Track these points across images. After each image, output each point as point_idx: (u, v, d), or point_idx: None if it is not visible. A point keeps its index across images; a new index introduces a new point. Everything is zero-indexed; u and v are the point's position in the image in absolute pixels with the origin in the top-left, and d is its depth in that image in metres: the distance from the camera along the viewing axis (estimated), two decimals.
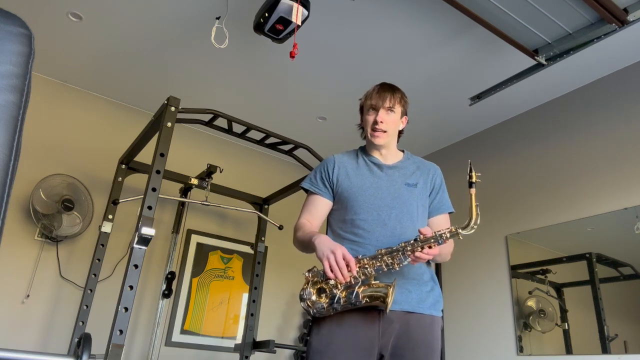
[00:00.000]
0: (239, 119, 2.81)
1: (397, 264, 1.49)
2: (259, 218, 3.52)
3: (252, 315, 3.19)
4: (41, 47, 3.18)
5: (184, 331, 3.58)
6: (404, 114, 1.81)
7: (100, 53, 3.26)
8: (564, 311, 2.93)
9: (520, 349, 3.08)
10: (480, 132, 3.90)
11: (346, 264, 1.46)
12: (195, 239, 3.84)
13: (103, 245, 2.90)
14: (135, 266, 1.98)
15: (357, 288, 1.48)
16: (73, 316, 3.02)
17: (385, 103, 1.73)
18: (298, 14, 2.32)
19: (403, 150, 1.85)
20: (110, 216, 2.96)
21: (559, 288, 3.01)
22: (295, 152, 3.11)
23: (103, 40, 3.13)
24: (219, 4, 2.72)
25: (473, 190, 1.45)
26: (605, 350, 2.64)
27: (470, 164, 1.48)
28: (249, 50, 3.13)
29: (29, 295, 3.08)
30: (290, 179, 3.48)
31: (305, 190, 1.82)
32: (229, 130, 2.94)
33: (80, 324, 2.73)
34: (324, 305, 1.53)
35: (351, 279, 1.50)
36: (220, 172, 3.20)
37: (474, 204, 1.43)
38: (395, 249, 1.50)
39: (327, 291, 1.54)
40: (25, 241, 3.15)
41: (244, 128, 2.86)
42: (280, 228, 3.45)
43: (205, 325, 3.67)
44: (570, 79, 3.18)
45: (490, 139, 3.81)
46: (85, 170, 3.47)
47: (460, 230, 1.45)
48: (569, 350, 2.83)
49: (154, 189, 2.15)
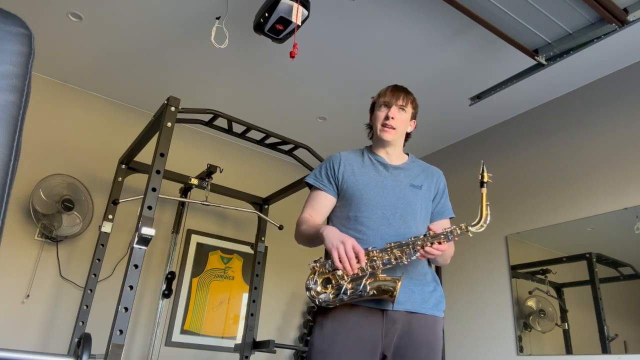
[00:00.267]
0: (239, 119, 2.81)
1: (406, 258, 1.50)
2: (259, 218, 3.52)
3: (252, 315, 3.19)
4: (41, 47, 3.18)
5: (184, 331, 3.58)
6: (414, 117, 1.84)
7: (100, 53, 3.26)
8: (564, 311, 2.93)
9: (520, 349, 3.08)
10: (480, 132, 3.90)
11: (355, 255, 1.46)
12: (195, 239, 3.85)
13: (103, 245, 2.90)
14: (135, 266, 1.98)
15: (365, 280, 1.48)
16: (73, 316, 3.02)
17: (399, 101, 1.75)
18: (298, 14, 2.32)
19: (408, 154, 1.86)
20: (110, 216, 2.96)
21: (559, 288, 3.01)
22: (295, 152, 3.11)
23: (103, 40, 3.13)
24: (219, 4, 2.72)
25: (484, 190, 1.48)
26: (605, 350, 2.64)
27: (483, 164, 1.51)
28: (249, 50, 3.13)
29: (29, 295, 3.08)
30: (290, 179, 3.49)
31: (310, 185, 1.81)
32: (229, 130, 2.94)
33: (80, 324, 2.73)
34: (330, 295, 1.52)
35: (358, 270, 1.50)
36: (220, 172, 3.20)
37: (484, 203, 1.46)
38: (405, 242, 1.51)
39: (334, 282, 1.53)
40: (25, 241, 3.15)
41: (244, 128, 2.86)
42: (280, 228, 3.45)
43: (205, 325, 3.67)
44: (570, 79, 3.18)
45: (490, 139, 3.81)
46: (85, 170, 3.47)
47: (470, 228, 1.47)
48: (569, 350, 2.83)
49: (154, 189, 2.16)
